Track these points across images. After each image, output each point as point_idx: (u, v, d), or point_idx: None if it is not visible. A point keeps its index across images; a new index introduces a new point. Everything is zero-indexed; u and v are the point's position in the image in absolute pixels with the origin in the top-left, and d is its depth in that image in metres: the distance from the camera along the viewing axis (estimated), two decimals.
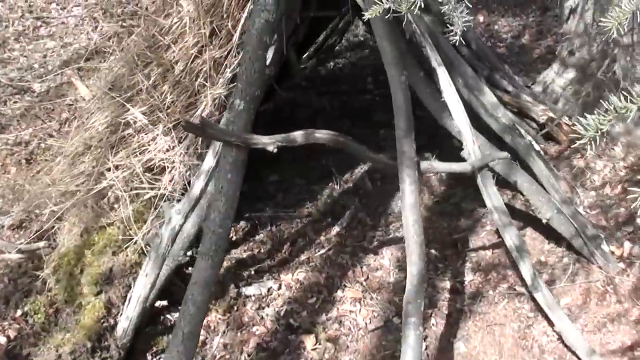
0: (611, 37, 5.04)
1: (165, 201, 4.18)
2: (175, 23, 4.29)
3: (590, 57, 5.31)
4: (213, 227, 3.52)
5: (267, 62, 3.99)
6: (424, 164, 3.81)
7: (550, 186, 4.37)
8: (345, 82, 6.90)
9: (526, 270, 3.89)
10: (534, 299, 3.97)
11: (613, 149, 5.24)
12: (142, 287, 3.91)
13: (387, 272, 4.58)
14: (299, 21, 4.37)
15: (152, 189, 4.30)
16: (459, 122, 3.97)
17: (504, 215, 3.98)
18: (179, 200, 4.10)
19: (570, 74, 5.47)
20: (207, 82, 4.22)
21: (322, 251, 4.74)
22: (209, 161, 3.98)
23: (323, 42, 6.84)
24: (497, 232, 4.50)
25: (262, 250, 4.84)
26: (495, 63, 5.40)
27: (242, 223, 5.05)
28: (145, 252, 4.08)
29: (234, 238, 4.92)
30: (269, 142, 3.59)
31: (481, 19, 7.89)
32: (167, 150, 4.34)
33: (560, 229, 4.23)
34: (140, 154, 4.39)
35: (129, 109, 4.42)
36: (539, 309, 3.91)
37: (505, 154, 4.01)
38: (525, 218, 4.68)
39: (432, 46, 3.97)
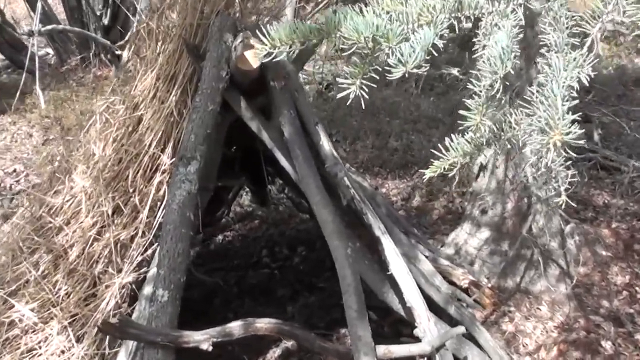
0: (528, 192, 5.02)
1: None
2: (68, 201, 3.63)
3: (504, 214, 5.10)
4: None
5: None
6: (381, 349, 3.28)
7: (498, 358, 3.94)
8: (237, 256, 6.35)
9: None
10: None
11: (539, 309, 4.96)
12: None
13: None
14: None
15: None
16: (411, 296, 3.52)
17: None
18: None
19: (485, 233, 5.21)
20: (109, 268, 3.54)
21: None
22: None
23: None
24: None
25: None
26: (408, 227, 5.07)
27: None
28: None
29: None
30: (202, 339, 2.98)
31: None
32: (63, 352, 3.56)
33: None
34: (29, 359, 3.58)
35: (13, 306, 3.63)
36: None
37: (462, 329, 3.58)
38: None
39: (373, 212, 3.55)
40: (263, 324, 3.12)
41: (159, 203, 3.54)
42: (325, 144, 3.53)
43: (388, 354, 3.32)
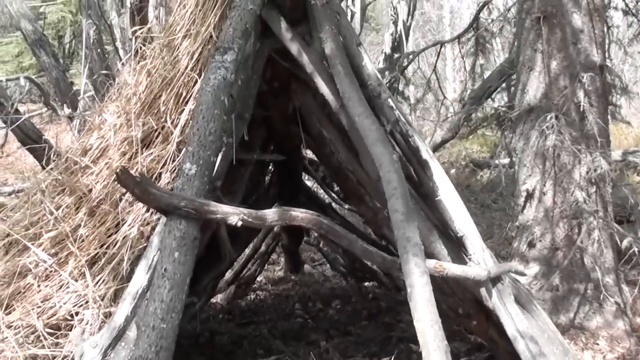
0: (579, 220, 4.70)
1: None
2: (98, 139, 3.45)
3: (554, 245, 4.74)
4: (153, 322, 2.41)
5: (214, 172, 3.14)
6: (432, 262, 2.90)
7: (559, 342, 3.50)
8: (269, 311, 5.95)
9: None
10: None
11: (597, 343, 4.50)
12: None
13: None
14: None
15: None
16: (463, 224, 3.18)
17: (532, 342, 3.02)
18: None
19: (534, 268, 4.82)
20: (134, 205, 3.28)
21: None
22: (139, 279, 2.90)
23: (241, 269, 6.01)
24: None
25: None
26: None
27: None
28: None
29: None
30: (231, 213, 2.66)
31: None
32: (79, 297, 3.22)
33: None
34: (42, 311, 3.23)
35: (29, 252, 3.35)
36: None
37: (521, 267, 3.18)
38: None
39: (419, 135, 3.29)
40: (299, 213, 2.79)
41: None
42: (368, 64, 3.37)
43: (439, 268, 2.92)
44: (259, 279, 6.60)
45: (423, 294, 2.61)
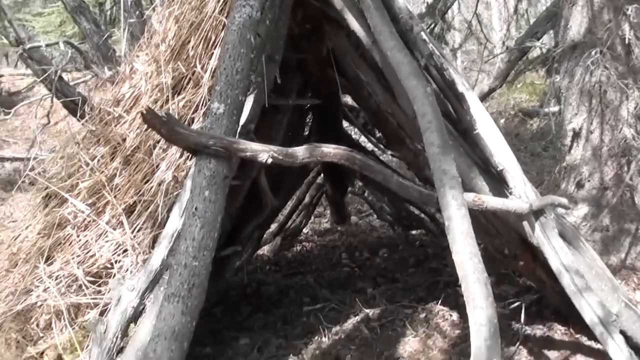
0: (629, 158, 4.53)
1: None
2: (130, 88, 3.42)
3: (603, 185, 4.57)
4: (185, 260, 2.38)
5: (246, 115, 3.08)
6: (470, 196, 2.80)
7: (607, 279, 3.38)
8: (316, 261, 5.93)
9: (617, 350, 2.73)
10: None
11: None
12: None
13: None
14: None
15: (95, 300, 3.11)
16: (503, 157, 3.07)
17: (577, 276, 2.92)
18: None
19: (582, 209, 4.65)
20: (168, 150, 3.25)
21: None
22: (174, 223, 2.90)
23: (286, 220, 6.01)
24: None
25: None
26: None
27: None
28: None
29: None
30: (261, 150, 2.60)
31: None
32: (119, 246, 3.23)
33: (631, 329, 3.15)
34: (82, 261, 3.26)
35: (67, 202, 3.36)
36: None
37: (565, 200, 3.07)
38: (572, 346, 3.72)
39: (455, 68, 3.18)
40: (331, 149, 2.72)
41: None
42: None
43: (478, 201, 2.83)
44: (305, 230, 6.57)
45: (461, 226, 2.52)
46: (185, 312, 2.30)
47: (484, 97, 9.02)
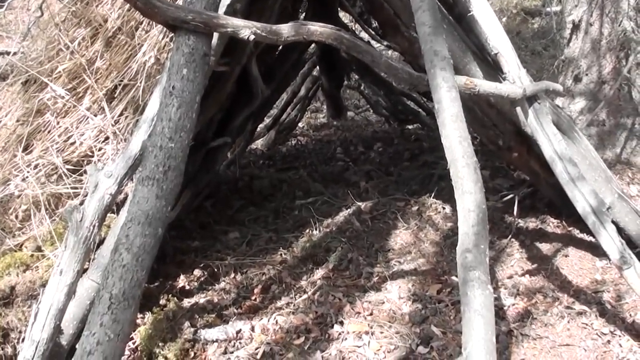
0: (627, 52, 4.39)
1: None
2: None
3: (601, 79, 4.44)
4: (160, 141, 2.27)
5: None
6: (462, 79, 2.68)
7: (601, 170, 3.31)
8: (310, 156, 5.86)
9: (609, 240, 2.65)
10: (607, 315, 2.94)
11: None
12: (53, 293, 2.46)
13: (397, 304, 3.28)
14: None
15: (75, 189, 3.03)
16: (497, 40, 2.95)
17: (570, 165, 2.82)
18: None
19: (579, 103, 4.55)
20: (150, 32, 3.10)
21: (305, 295, 3.40)
22: (155, 105, 2.75)
23: (280, 113, 5.88)
24: (529, 259, 3.54)
25: (224, 297, 3.45)
26: None
27: (197, 272, 3.68)
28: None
29: (186, 287, 3.53)
30: (243, 26, 2.46)
31: None
32: (100, 132, 3.12)
33: (624, 221, 3.10)
34: (62, 149, 3.16)
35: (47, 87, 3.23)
36: (615, 322, 2.93)
37: (559, 86, 2.95)
38: (564, 238, 3.69)
39: None
40: (318, 28, 2.58)
41: None
42: None
43: (470, 85, 2.70)
44: (300, 125, 6.48)
45: (451, 109, 2.40)
46: (160, 196, 2.22)
47: None
